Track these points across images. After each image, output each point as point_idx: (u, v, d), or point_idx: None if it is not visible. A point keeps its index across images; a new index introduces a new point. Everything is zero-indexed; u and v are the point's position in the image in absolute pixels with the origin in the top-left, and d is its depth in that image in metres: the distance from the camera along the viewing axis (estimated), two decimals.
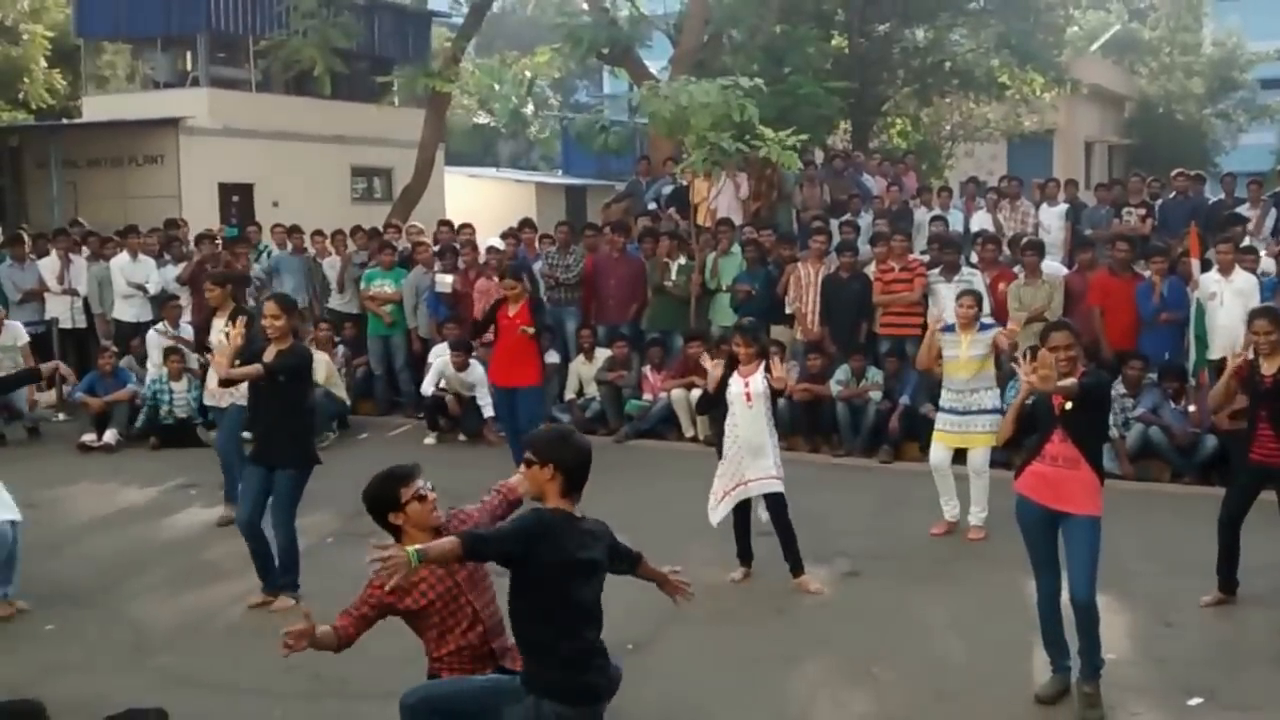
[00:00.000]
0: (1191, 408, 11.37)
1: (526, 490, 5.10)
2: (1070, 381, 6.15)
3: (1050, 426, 6.31)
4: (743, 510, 8.46)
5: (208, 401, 10.16)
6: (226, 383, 8.34)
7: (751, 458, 8.28)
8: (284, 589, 8.04)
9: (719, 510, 8.47)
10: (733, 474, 8.36)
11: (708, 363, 8.83)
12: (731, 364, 8.38)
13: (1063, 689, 6.44)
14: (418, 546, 4.54)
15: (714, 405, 8.49)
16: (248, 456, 8.29)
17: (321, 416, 13.32)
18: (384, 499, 5.20)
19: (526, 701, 4.75)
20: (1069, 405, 6.19)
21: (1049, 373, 6.01)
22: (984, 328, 9.44)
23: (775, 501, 8.33)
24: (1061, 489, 6.26)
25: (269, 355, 7.96)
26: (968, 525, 9.52)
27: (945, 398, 9.58)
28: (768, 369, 8.33)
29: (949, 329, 9.51)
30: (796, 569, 8.35)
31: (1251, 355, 7.65)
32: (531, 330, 10.77)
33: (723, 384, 8.34)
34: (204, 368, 10.49)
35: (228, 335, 9.04)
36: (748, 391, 8.26)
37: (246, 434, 9.25)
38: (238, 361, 7.94)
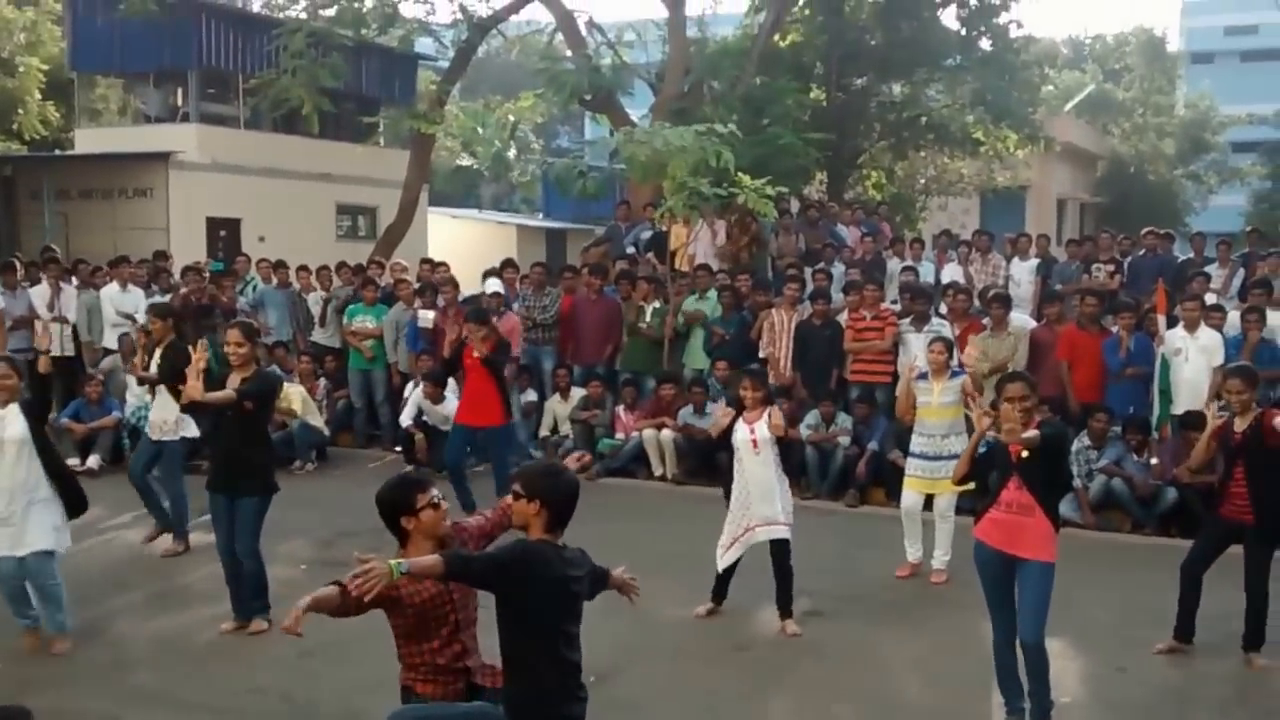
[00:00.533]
0: (1154, 460, 11.47)
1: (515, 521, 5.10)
2: (1033, 433, 6.25)
3: (1007, 474, 6.41)
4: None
5: (152, 436, 10.03)
6: (189, 408, 8.31)
7: (759, 503, 8.30)
8: (256, 613, 8.06)
9: (727, 557, 8.43)
10: (740, 520, 8.38)
11: (719, 411, 8.78)
12: (738, 410, 8.41)
13: None
14: (401, 560, 4.55)
15: (719, 449, 8.49)
16: (206, 485, 8.21)
17: (300, 446, 13.42)
18: (400, 502, 5.14)
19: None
20: (1025, 454, 6.28)
21: (1013, 426, 6.12)
22: (954, 374, 9.53)
23: (780, 547, 8.30)
24: (1017, 535, 6.35)
25: (233, 382, 7.96)
26: (930, 569, 9.59)
27: (916, 443, 9.65)
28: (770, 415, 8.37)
29: (923, 376, 9.60)
30: (785, 613, 8.32)
31: (1227, 415, 7.73)
32: (488, 352, 10.72)
33: (728, 431, 8.38)
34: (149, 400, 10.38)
35: (158, 368, 9.35)
36: (754, 439, 8.27)
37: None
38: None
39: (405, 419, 13.46)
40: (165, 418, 9.84)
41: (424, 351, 13.78)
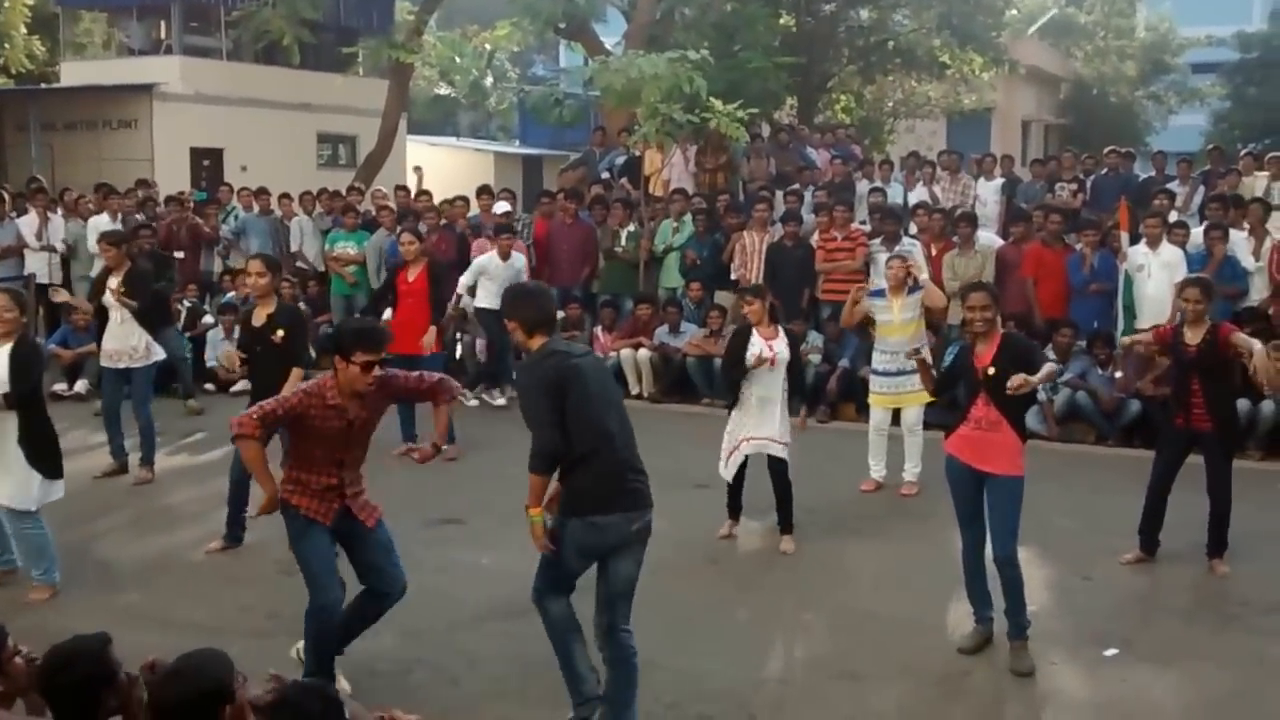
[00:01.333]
0: (1118, 374, 11.41)
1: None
2: (1049, 368, 6.26)
3: (975, 390, 6.30)
4: (741, 467, 8.27)
5: (103, 363, 9.74)
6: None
7: (758, 418, 8.07)
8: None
9: (728, 470, 8.26)
10: (737, 432, 8.17)
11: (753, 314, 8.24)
12: (745, 330, 8.17)
13: (984, 640, 6.45)
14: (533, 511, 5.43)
15: (736, 368, 8.13)
16: None
17: None
18: (349, 346, 5.60)
19: (571, 524, 5.35)
20: (991, 370, 6.15)
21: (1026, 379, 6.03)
22: (912, 290, 9.32)
23: (777, 465, 8.15)
24: (985, 450, 6.25)
25: (258, 319, 7.79)
26: (902, 481, 9.52)
27: (878, 360, 9.54)
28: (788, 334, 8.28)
29: (878, 294, 9.42)
30: (786, 528, 8.21)
31: (1176, 323, 7.65)
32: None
33: (743, 347, 8.10)
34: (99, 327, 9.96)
35: (121, 292, 9.27)
36: (772, 356, 8.01)
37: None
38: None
39: None
40: (132, 345, 9.57)
41: None
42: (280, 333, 7.69)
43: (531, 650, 6.43)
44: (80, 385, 13.00)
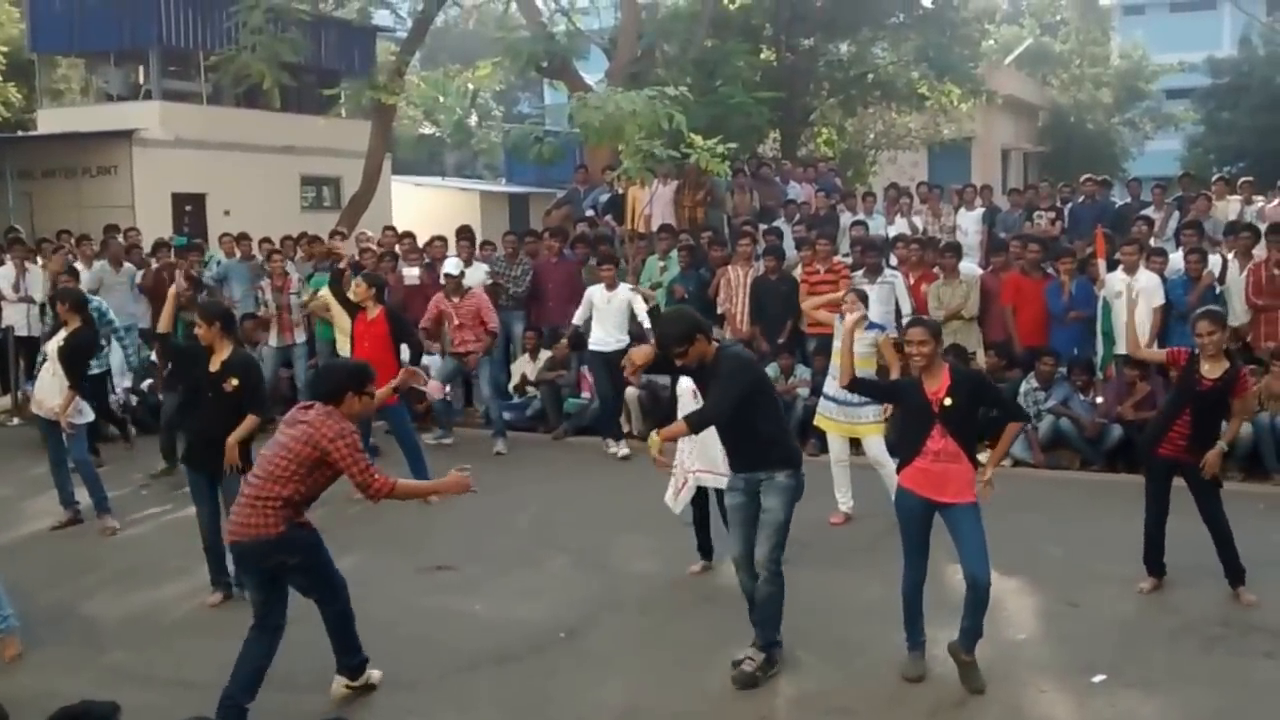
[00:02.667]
0: (1099, 399, 11.49)
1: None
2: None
3: (929, 423, 6.30)
4: (701, 504, 8.27)
5: (34, 409, 9.80)
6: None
7: (700, 449, 7.97)
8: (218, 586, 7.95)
9: (677, 504, 8.24)
10: (682, 461, 8.12)
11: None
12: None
13: (923, 667, 6.55)
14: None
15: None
16: (182, 459, 7.97)
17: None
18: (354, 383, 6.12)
19: (793, 477, 6.49)
20: (949, 401, 6.20)
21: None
22: (870, 327, 9.23)
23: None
24: (944, 482, 6.28)
25: (213, 364, 7.75)
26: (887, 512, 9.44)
27: (829, 385, 9.53)
28: None
29: (874, 328, 9.40)
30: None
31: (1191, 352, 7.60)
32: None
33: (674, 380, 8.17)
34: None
35: (60, 353, 9.25)
36: (693, 387, 8.04)
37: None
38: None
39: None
40: (57, 402, 9.45)
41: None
42: (234, 381, 7.66)
43: (523, 698, 6.47)
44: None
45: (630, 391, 12.98)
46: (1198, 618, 7.36)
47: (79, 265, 14.72)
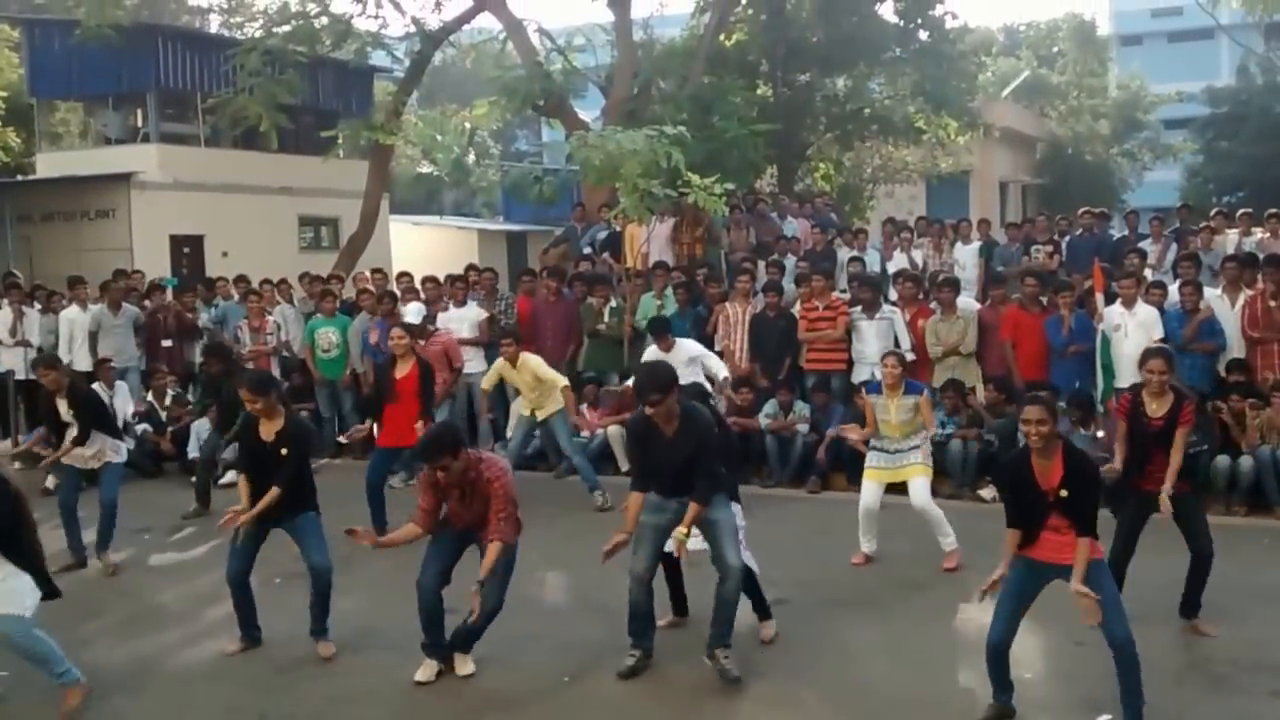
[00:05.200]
0: (1099, 433, 11.49)
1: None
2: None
3: (1043, 511, 6.18)
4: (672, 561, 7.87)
5: (66, 461, 9.78)
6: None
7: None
8: (322, 635, 7.77)
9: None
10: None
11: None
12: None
13: (1001, 715, 6.45)
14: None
15: None
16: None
17: None
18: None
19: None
20: (1064, 493, 6.07)
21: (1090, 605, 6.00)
22: (909, 389, 9.31)
23: None
24: (1064, 550, 6.17)
25: (266, 433, 7.64)
26: (944, 554, 9.32)
27: (875, 443, 9.46)
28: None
29: (876, 390, 9.41)
30: (761, 615, 8.02)
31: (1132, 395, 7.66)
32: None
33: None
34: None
35: (74, 415, 9.36)
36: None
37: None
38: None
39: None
40: (94, 450, 9.68)
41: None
42: (284, 452, 7.58)
43: None
44: (49, 481, 12.82)
45: (613, 430, 12.95)
46: (1203, 656, 7.35)
47: (75, 308, 14.78)
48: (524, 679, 7.22)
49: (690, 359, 11.60)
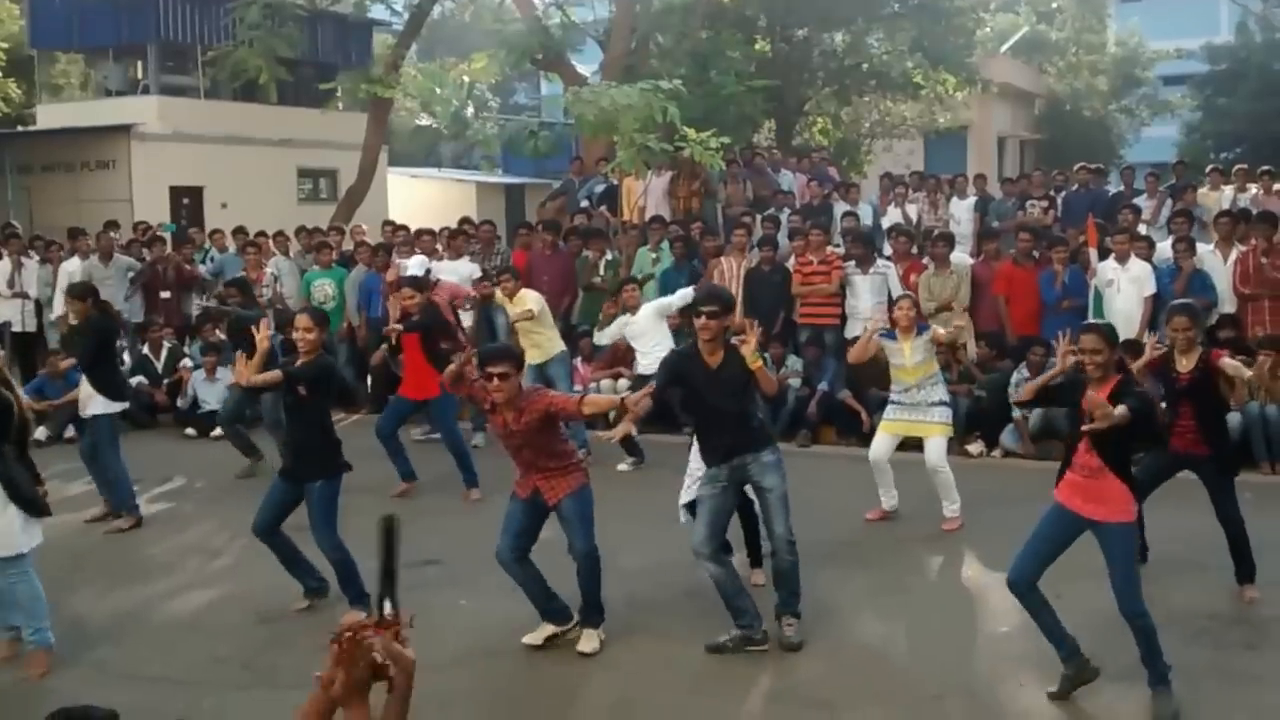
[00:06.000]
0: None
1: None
2: (1121, 410, 5.67)
3: (1078, 435, 6.02)
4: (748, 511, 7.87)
5: (82, 413, 9.56)
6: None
7: None
8: (353, 602, 7.38)
9: (686, 494, 7.87)
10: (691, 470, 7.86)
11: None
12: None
13: (1077, 680, 6.24)
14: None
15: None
16: (278, 471, 7.67)
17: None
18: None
19: (776, 452, 6.99)
20: (1085, 426, 5.84)
21: (1107, 411, 5.65)
22: (920, 330, 9.12)
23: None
24: (1094, 496, 6.02)
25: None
26: (944, 518, 9.19)
27: (894, 394, 9.28)
28: None
29: (890, 335, 9.15)
30: (755, 562, 8.05)
31: (1164, 346, 7.55)
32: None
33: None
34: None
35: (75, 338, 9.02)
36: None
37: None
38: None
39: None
40: (88, 393, 9.38)
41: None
42: (302, 390, 7.43)
43: (505, 690, 6.46)
44: (40, 432, 12.75)
45: (622, 383, 12.92)
46: (1182, 610, 7.31)
47: (76, 259, 14.71)
48: (505, 629, 7.18)
49: (658, 314, 11.46)
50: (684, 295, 11.07)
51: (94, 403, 9.38)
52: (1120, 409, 5.65)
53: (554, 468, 6.87)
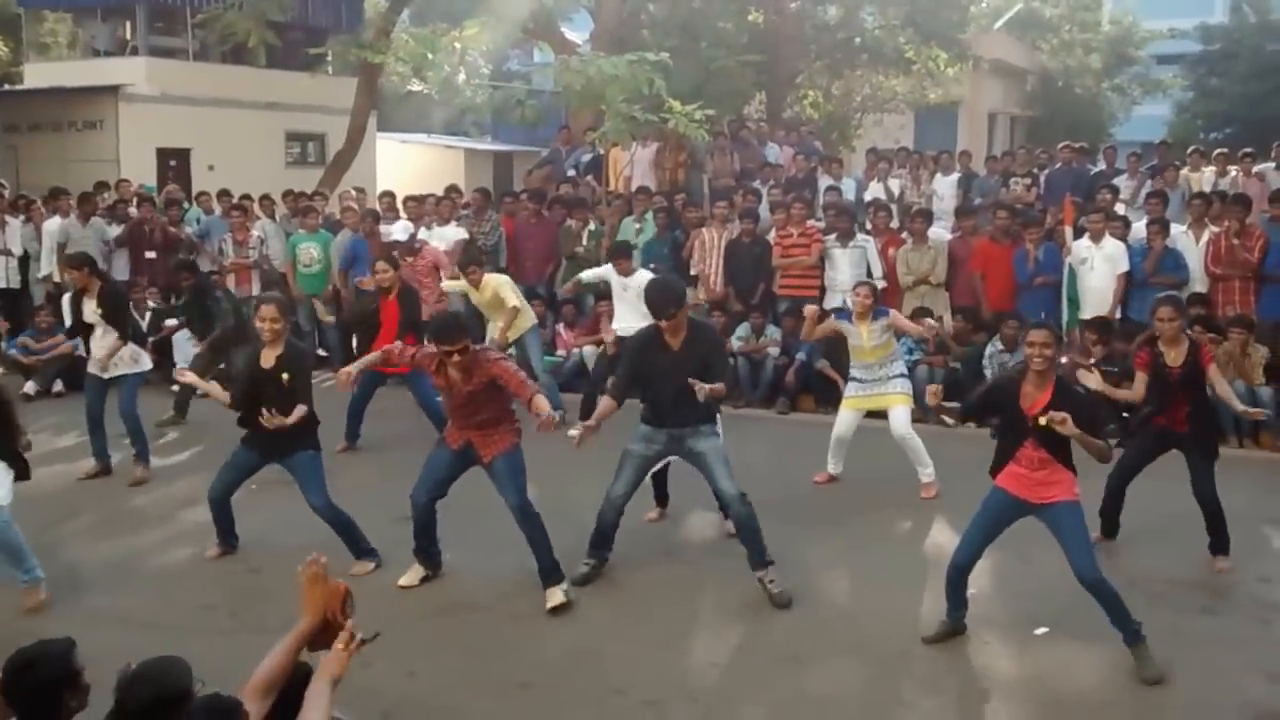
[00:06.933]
0: (1064, 361, 11.71)
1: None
2: (1076, 432, 5.95)
3: (1021, 434, 6.24)
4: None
5: (105, 374, 9.69)
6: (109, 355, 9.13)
7: None
8: (359, 557, 7.76)
9: None
10: None
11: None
12: None
13: (950, 631, 6.72)
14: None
15: None
16: (242, 441, 7.81)
17: None
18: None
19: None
20: (1042, 421, 6.02)
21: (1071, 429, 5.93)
22: (878, 314, 9.37)
23: None
24: (1041, 487, 6.28)
25: (266, 360, 7.56)
26: (921, 484, 9.51)
27: (854, 370, 9.60)
28: None
29: (846, 316, 9.49)
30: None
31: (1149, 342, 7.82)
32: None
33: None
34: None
35: (100, 315, 9.31)
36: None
37: None
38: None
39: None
40: (119, 355, 9.62)
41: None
42: (285, 376, 7.52)
43: (485, 641, 6.74)
44: (28, 386, 13.12)
45: (589, 350, 13.15)
46: (1143, 576, 7.63)
47: (57, 218, 14.86)
48: (488, 583, 7.48)
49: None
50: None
51: (122, 364, 9.69)
52: (1073, 429, 5.92)
53: (492, 427, 7.22)
